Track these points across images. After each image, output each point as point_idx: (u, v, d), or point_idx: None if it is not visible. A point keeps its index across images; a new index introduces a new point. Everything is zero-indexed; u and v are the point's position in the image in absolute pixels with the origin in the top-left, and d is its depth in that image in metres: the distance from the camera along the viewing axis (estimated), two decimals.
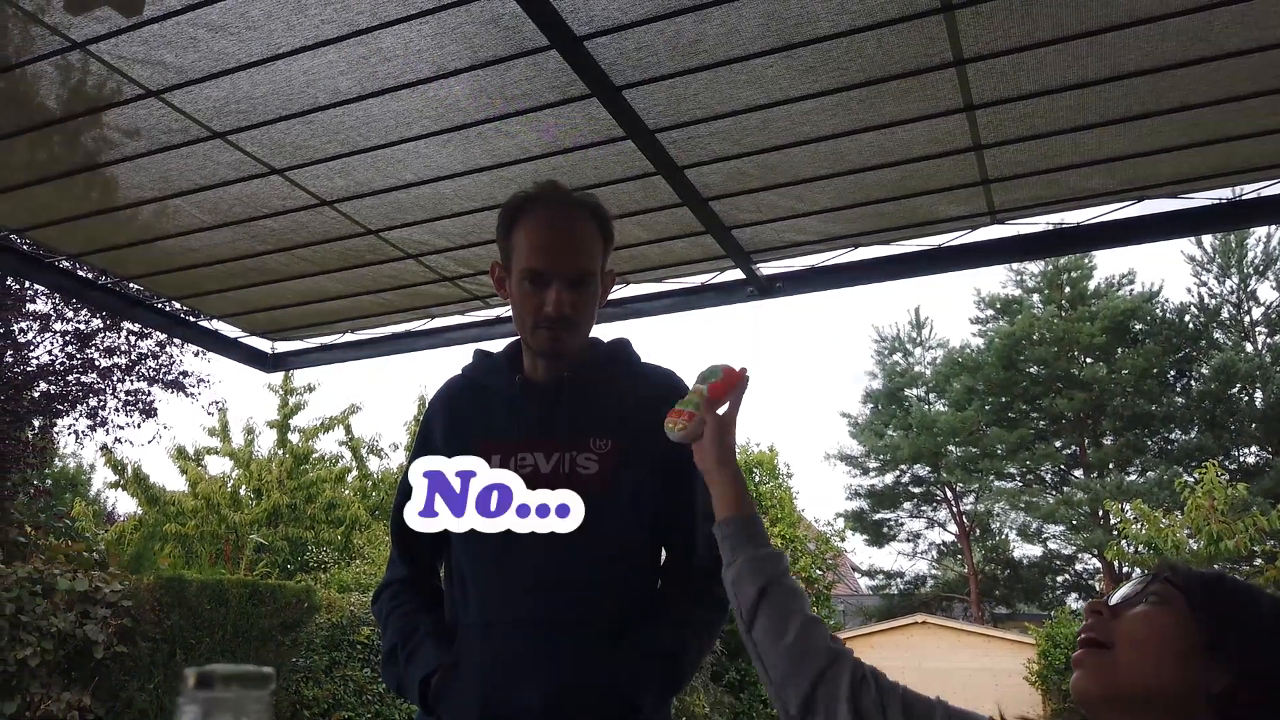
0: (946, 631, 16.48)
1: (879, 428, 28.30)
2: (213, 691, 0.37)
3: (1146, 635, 0.99)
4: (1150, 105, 2.39)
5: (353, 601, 10.23)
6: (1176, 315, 25.79)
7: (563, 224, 1.60)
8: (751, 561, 1.24)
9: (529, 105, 2.35)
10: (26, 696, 6.98)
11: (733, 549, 1.27)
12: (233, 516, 13.17)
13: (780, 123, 2.43)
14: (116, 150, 2.52)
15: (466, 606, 1.55)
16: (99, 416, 10.15)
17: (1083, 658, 1.04)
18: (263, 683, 0.38)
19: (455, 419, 1.66)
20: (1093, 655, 1.03)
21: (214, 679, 0.37)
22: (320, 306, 3.55)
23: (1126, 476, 24.42)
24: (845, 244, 3.09)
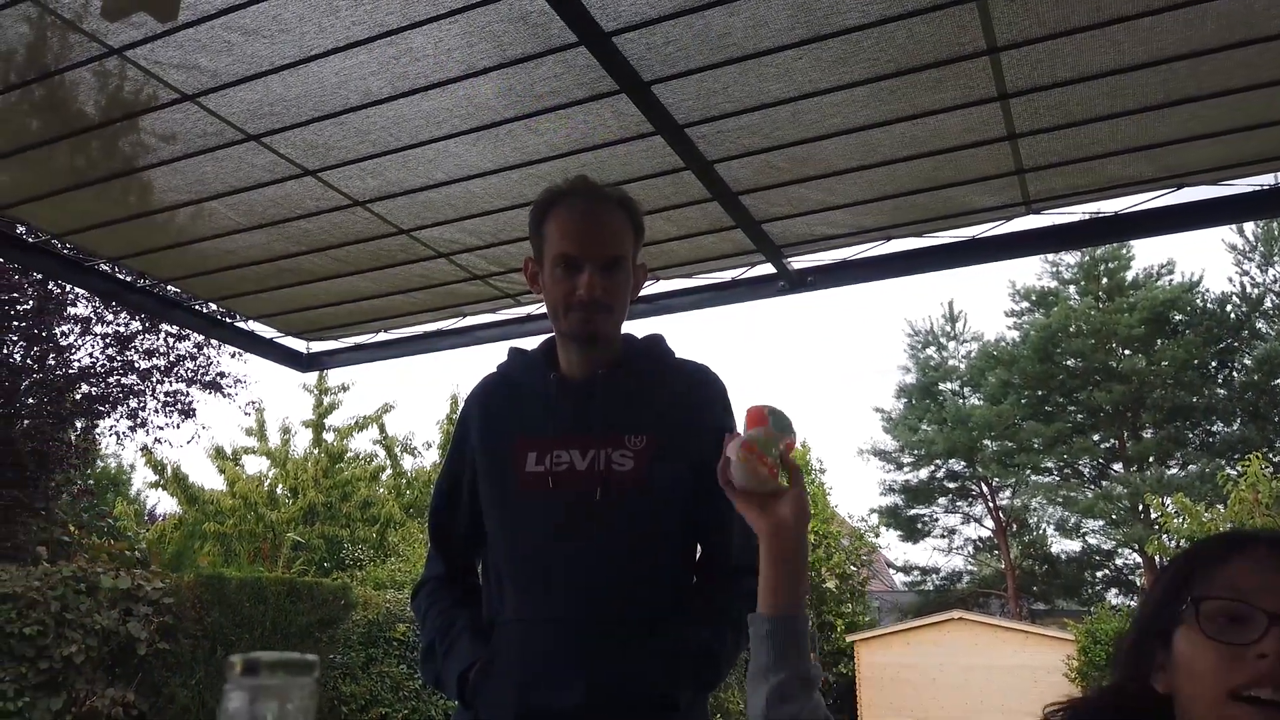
0: (983, 628, 16.28)
1: (913, 422, 28.03)
2: (259, 678, 0.38)
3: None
4: (1190, 90, 2.34)
5: (388, 599, 10.33)
6: (1218, 305, 25.29)
7: (593, 212, 1.62)
8: (802, 681, 1.12)
9: (558, 102, 2.35)
10: (72, 693, 7.12)
11: (782, 654, 1.13)
12: (270, 515, 13.36)
13: (810, 115, 2.42)
14: (153, 154, 2.56)
15: (503, 603, 1.55)
16: (139, 417, 10.35)
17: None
18: (307, 670, 0.38)
19: (491, 417, 1.67)
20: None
21: (260, 666, 0.38)
22: (353, 306, 3.59)
23: (1167, 470, 24.00)
24: (877, 236, 3.07)
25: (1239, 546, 0.94)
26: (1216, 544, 0.98)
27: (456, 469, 1.69)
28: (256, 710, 0.37)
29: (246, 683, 0.38)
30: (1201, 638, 0.88)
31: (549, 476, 1.53)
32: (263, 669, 0.37)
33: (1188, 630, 0.91)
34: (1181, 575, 0.96)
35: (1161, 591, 0.97)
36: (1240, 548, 0.93)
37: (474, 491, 1.65)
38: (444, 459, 1.76)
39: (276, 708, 0.37)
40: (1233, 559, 0.92)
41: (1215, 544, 0.98)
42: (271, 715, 0.37)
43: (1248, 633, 0.85)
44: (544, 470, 1.54)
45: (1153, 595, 1.00)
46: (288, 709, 0.37)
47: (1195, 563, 0.96)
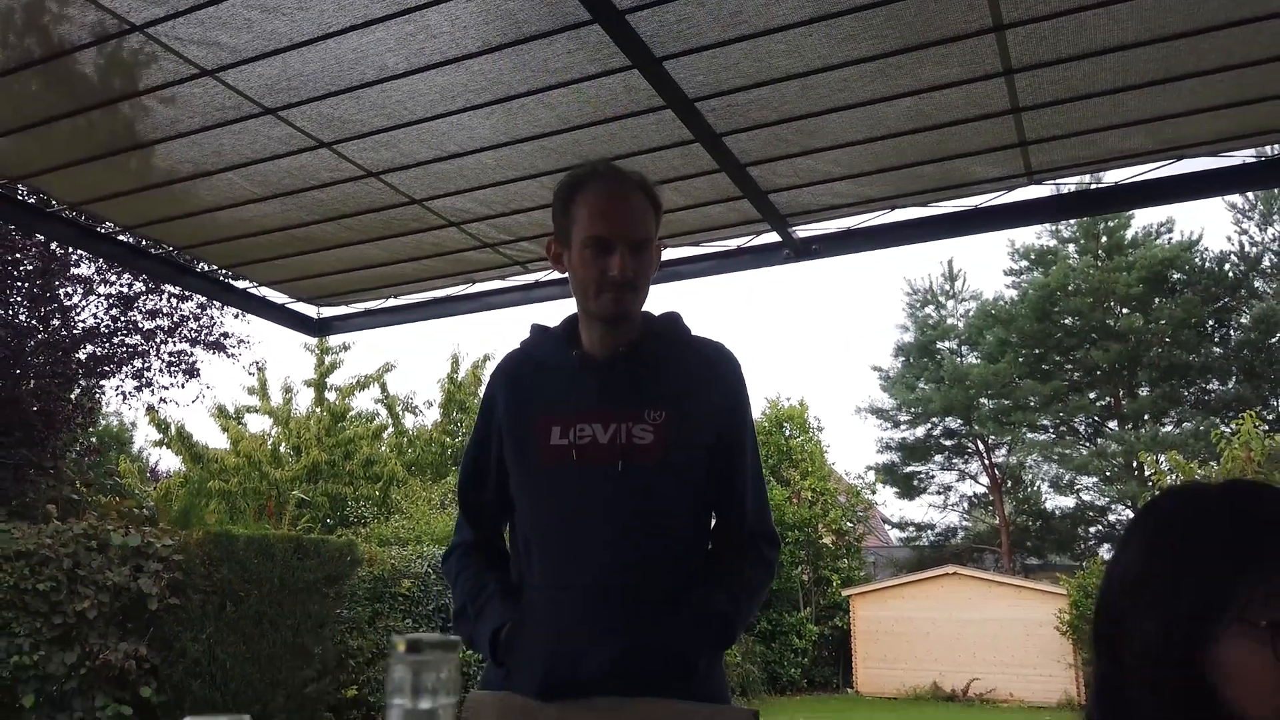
0: (977, 582, 16.57)
1: (910, 381, 28.20)
2: (420, 655, 0.46)
3: None
4: (1191, 66, 2.38)
5: (393, 555, 10.50)
6: (1216, 264, 25.34)
7: (621, 194, 1.69)
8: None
9: (570, 77, 2.39)
10: (85, 646, 7.29)
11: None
12: (274, 473, 13.51)
13: (819, 89, 2.46)
14: (172, 127, 2.60)
15: (532, 570, 1.64)
16: (144, 377, 10.43)
17: None
18: (454, 647, 0.47)
19: (517, 392, 1.74)
20: None
21: (421, 645, 0.46)
22: (365, 273, 3.64)
23: (1162, 428, 24.23)
24: (881, 206, 3.12)
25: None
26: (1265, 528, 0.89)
27: (483, 441, 1.77)
28: (420, 680, 0.45)
29: (410, 659, 0.46)
30: (1269, 656, 0.84)
31: (572, 449, 1.62)
32: (424, 647, 0.46)
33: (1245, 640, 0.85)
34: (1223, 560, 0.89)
35: (1206, 580, 0.89)
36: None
37: (500, 463, 1.73)
38: (471, 431, 1.84)
39: (434, 677, 0.45)
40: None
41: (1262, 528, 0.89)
42: (430, 683, 0.45)
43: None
44: (567, 444, 1.62)
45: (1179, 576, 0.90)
46: (441, 677, 0.46)
47: (1240, 547, 0.89)
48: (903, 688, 15.94)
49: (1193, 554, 0.91)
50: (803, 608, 17.04)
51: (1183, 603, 0.90)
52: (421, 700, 0.45)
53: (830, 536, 18.18)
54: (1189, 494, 0.99)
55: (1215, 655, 0.87)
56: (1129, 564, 0.96)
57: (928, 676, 15.83)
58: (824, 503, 18.11)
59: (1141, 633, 0.91)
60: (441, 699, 0.46)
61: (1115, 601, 0.96)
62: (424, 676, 0.45)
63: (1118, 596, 0.95)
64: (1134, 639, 0.92)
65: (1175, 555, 0.92)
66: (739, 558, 1.66)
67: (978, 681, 15.41)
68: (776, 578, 10.76)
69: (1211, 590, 0.88)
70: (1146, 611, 0.92)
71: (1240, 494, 0.95)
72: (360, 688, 9.46)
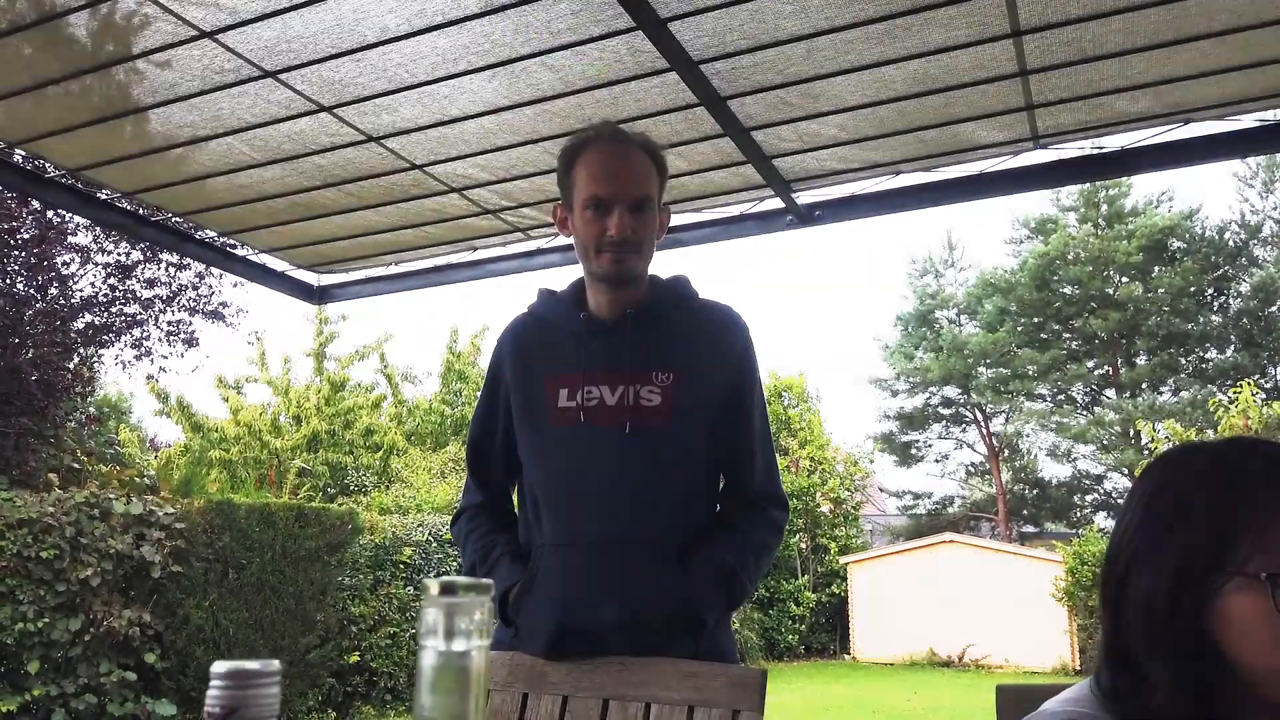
0: (973, 550, 16.68)
1: (909, 350, 28.21)
2: (454, 597, 0.46)
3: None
4: (1201, 28, 2.36)
5: (394, 523, 10.55)
6: (1216, 233, 25.27)
7: (620, 154, 1.68)
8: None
9: (573, 40, 2.36)
10: (89, 613, 7.33)
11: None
12: (274, 443, 13.53)
13: (824, 52, 2.43)
14: (171, 90, 2.57)
15: (540, 529, 1.65)
16: (143, 347, 10.41)
17: None
18: (486, 590, 0.46)
19: (524, 355, 1.74)
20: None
21: (455, 588, 0.46)
22: (365, 240, 3.62)
23: (1159, 396, 24.30)
24: (886, 171, 3.10)
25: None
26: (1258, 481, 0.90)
27: (491, 404, 1.77)
28: (453, 623, 0.45)
29: (443, 601, 0.46)
30: (1270, 606, 0.84)
31: (580, 411, 1.62)
32: (458, 590, 0.45)
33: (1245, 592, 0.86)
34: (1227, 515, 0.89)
35: (1200, 533, 0.89)
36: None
37: (508, 425, 1.73)
38: (479, 395, 1.84)
39: (467, 620, 0.45)
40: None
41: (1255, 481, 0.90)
42: (464, 625, 0.45)
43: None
44: (575, 405, 1.62)
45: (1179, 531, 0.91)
46: (475, 619, 0.45)
47: (1236, 501, 0.89)
48: (899, 654, 16.09)
49: (1192, 509, 0.91)
50: (801, 575, 17.16)
51: (1183, 558, 0.90)
52: (455, 642, 0.45)
53: (828, 505, 18.27)
54: (1189, 452, 0.99)
55: (1217, 609, 0.88)
56: (1131, 523, 0.96)
57: (924, 643, 15.97)
58: (822, 471, 18.19)
59: (1144, 589, 0.92)
60: (475, 641, 0.46)
61: (1119, 560, 0.96)
62: (457, 619, 0.45)
63: (1121, 555, 0.96)
64: (1138, 595, 0.93)
65: (1175, 511, 0.93)
66: (747, 518, 1.67)
67: (973, 648, 15.55)
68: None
69: (1211, 544, 0.89)
70: (1148, 568, 0.92)
71: (1238, 449, 0.96)
72: (362, 654, 9.54)
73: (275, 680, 0.47)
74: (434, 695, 0.45)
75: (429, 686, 0.45)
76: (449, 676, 0.45)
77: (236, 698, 0.44)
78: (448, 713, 0.45)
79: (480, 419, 1.81)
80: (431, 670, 0.45)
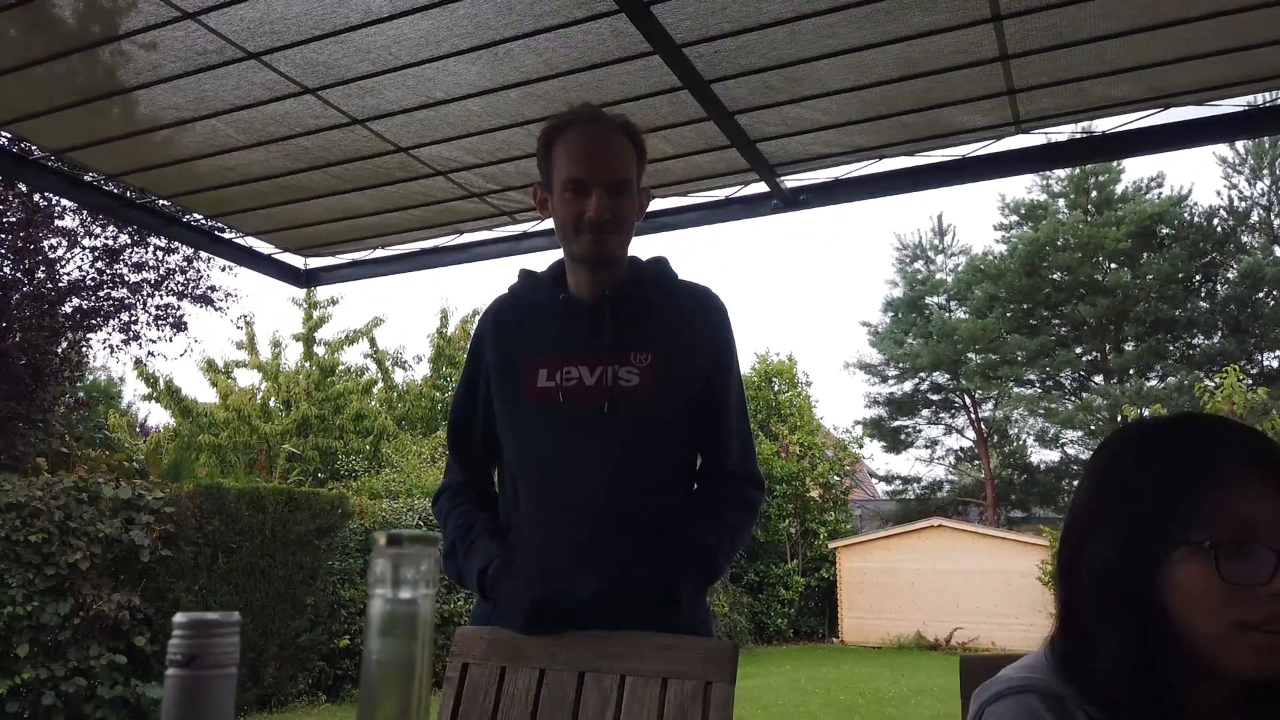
0: (961, 534, 16.79)
1: (899, 336, 28.28)
2: (401, 549, 0.48)
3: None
4: (1179, 13, 2.38)
5: (384, 508, 10.57)
6: (1205, 219, 25.35)
7: (598, 136, 1.69)
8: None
9: (557, 22, 2.37)
10: (78, 597, 7.35)
11: None
12: (263, 427, 13.52)
13: (807, 36, 2.45)
14: (153, 72, 2.57)
15: (519, 506, 1.67)
16: (131, 331, 10.38)
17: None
18: (433, 543, 0.49)
19: (504, 336, 1.76)
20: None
21: (401, 539, 0.48)
22: (351, 223, 3.63)
23: (1147, 382, 24.42)
24: (870, 155, 3.12)
25: (1231, 460, 0.92)
26: (1205, 455, 0.93)
27: (472, 385, 1.80)
28: (400, 573, 0.47)
29: (390, 552, 0.48)
30: (1213, 574, 0.87)
31: (559, 391, 1.64)
32: (404, 541, 0.48)
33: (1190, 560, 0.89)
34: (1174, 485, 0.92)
35: (1150, 505, 0.93)
36: (1234, 461, 0.92)
37: (489, 406, 1.75)
38: (460, 376, 1.86)
39: (413, 570, 0.47)
40: (1228, 478, 0.90)
41: (1204, 454, 0.93)
42: (410, 575, 0.47)
43: (1256, 569, 0.86)
44: (554, 385, 1.64)
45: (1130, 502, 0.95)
46: (421, 570, 0.48)
47: (1184, 473, 0.92)
48: (887, 637, 16.22)
49: (1141, 480, 0.95)
50: (790, 560, 17.25)
51: (1132, 526, 0.93)
52: (402, 591, 0.47)
53: (818, 490, 18.35)
54: (1139, 427, 1.02)
55: (1165, 577, 0.91)
56: (1086, 494, 1.00)
57: (912, 626, 16.10)
58: (812, 457, 18.25)
59: (1096, 556, 0.95)
60: (421, 590, 0.48)
61: (1074, 530, 0.99)
62: (404, 570, 0.47)
63: (1076, 525, 0.99)
64: (1090, 564, 0.96)
65: (1126, 482, 0.96)
66: (723, 497, 1.70)
67: (960, 631, 15.68)
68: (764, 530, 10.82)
69: (1159, 513, 0.92)
70: (1100, 536, 0.96)
71: (1186, 424, 0.99)
72: (352, 637, 9.58)
73: (234, 630, 0.49)
74: (383, 640, 0.47)
75: (378, 632, 0.47)
76: (397, 623, 0.47)
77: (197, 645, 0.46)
78: (396, 657, 0.47)
79: (461, 400, 1.83)
80: (379, 617, 0.47)
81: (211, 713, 0.46)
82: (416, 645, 0.48)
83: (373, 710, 0.47)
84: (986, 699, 0.97)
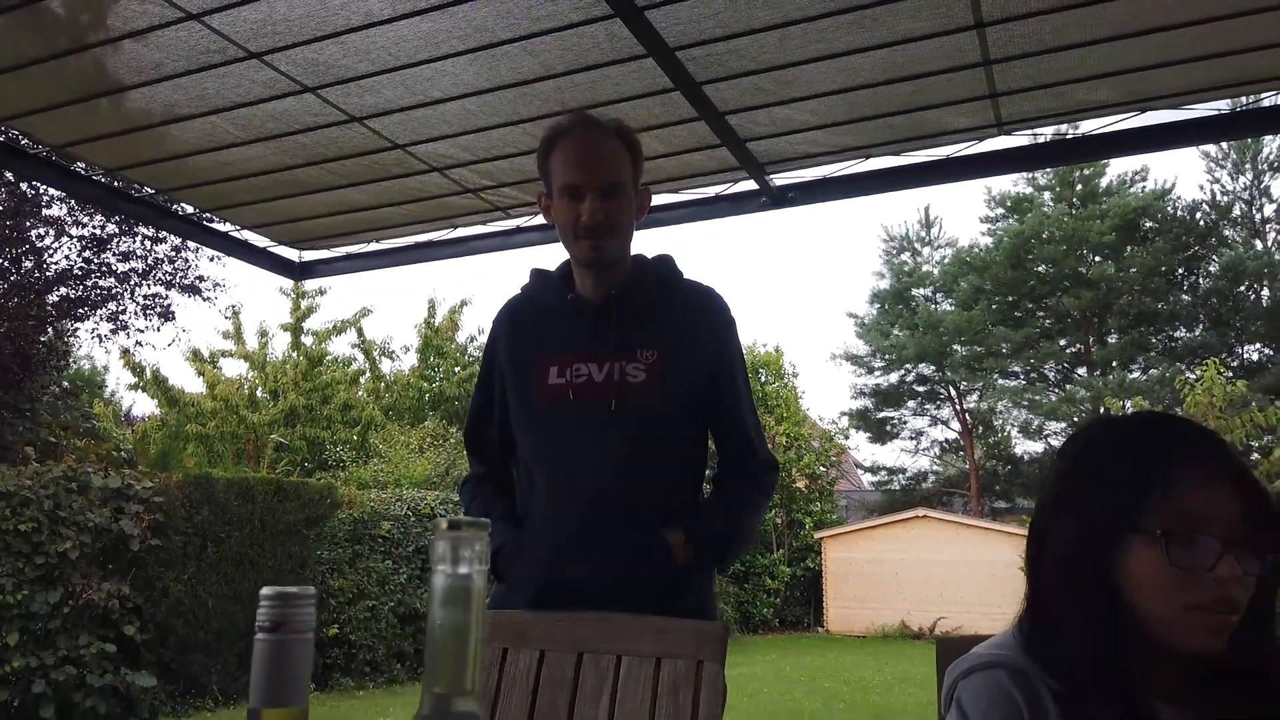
0: (946, 525, 16.98)
1: (885, 327, 28.47)
2: (459, 532, 0.56)
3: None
4: (1157, 21, 2.46)
5: (372, 498, 10.61)
6: (1188, 213, 25.62)
7: (592, 142, 1.76)
8: None
9: (553, 25, 2.43)
10: (68, 586, 7.38)
11: None
12: (251, 417, 13.53)
13: (796, 40, 2.51)
14: (156, 70, 2.62)
15: (534, 499, 1.76)
16: (119, 320, 10.38)
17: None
18: (485, 528, 0.57)
19: (517, 335, 1.85)
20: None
21: (460, 524, 0.56)
22: (347, 217, 3.68)
23: (1129, 374, 24.69)
24: (856, 155, 3.19)
25: (1182, 456, 0.99)
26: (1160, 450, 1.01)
27: (488, 384, 1.88)
28: (459, 552, 0.55)
29: (450, 535, 0.56)
30: (1165, 563, 0.95)
31: (569, 388, 1.72)
32: (462, 526, 0.56)
33: (1144, 548, 0.97)
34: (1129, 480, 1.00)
35: (1108, 495, 1.01)
36: (1185, 457, 0.99)
37: (504, 406, 1.84)
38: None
39: (470, 550, 0.55)
40: (1179, 472, 0.98)
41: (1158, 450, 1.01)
42: (467, 554, 0.55)
43: (1202, 556, 0.94)
44: (564, 382, 1.72)
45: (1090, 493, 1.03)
46: (475, 549, 0.56)
47: (1140, 467, 1.00)
48: (872, 626, 16.39)
49: (1105, 474, 1.03)
50: (776, 550, 17.40)
51: (1094, 514, 1.02)
52: (460, 567, 0.55)
53: (804, 481, 18.49)
54: (1104, 422, 1.13)
55: (1122, 563, 0.99)
56: (1054, 485, 1.09)
57: (896, 616, 16.28)
58: (798, 448, 18.39)
59: (1060, 543, 1.04)
60: (475, 566, 0.56)
61: (1042, 517, 1.08)
62: (461, 550, 0.55)
63: (1044, 513, 1.08)
64: (1055, 549, 1.04)
65: (1089, 474, 1.05)
66: (738, 482, 1.80)
67: (944, 620, 15.87)
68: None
69: (1117, 503, 1.00)
70: (1064, 524, 1.04)
71: (1145, 422, 1.09)
72: (341, 626, 9.64)
73: (311, 602, 0.57)
74: (444, 609, 0.56)
75: (440, 602, 0.55)
76: (455, 595, 0.55)
77: (282, 614, 0.54)
78: (455, 623, 0.56)
79: (477, 402, 1.92)
80: (441, 590, 0.56)
81: (294, 671, 0.54)
82: (471, 613, 0.57)
83: (436, 668, 0.55)
84: (959, 674, 1.05)
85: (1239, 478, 0.98)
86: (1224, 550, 0.94)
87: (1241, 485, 0.98)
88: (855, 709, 8.91)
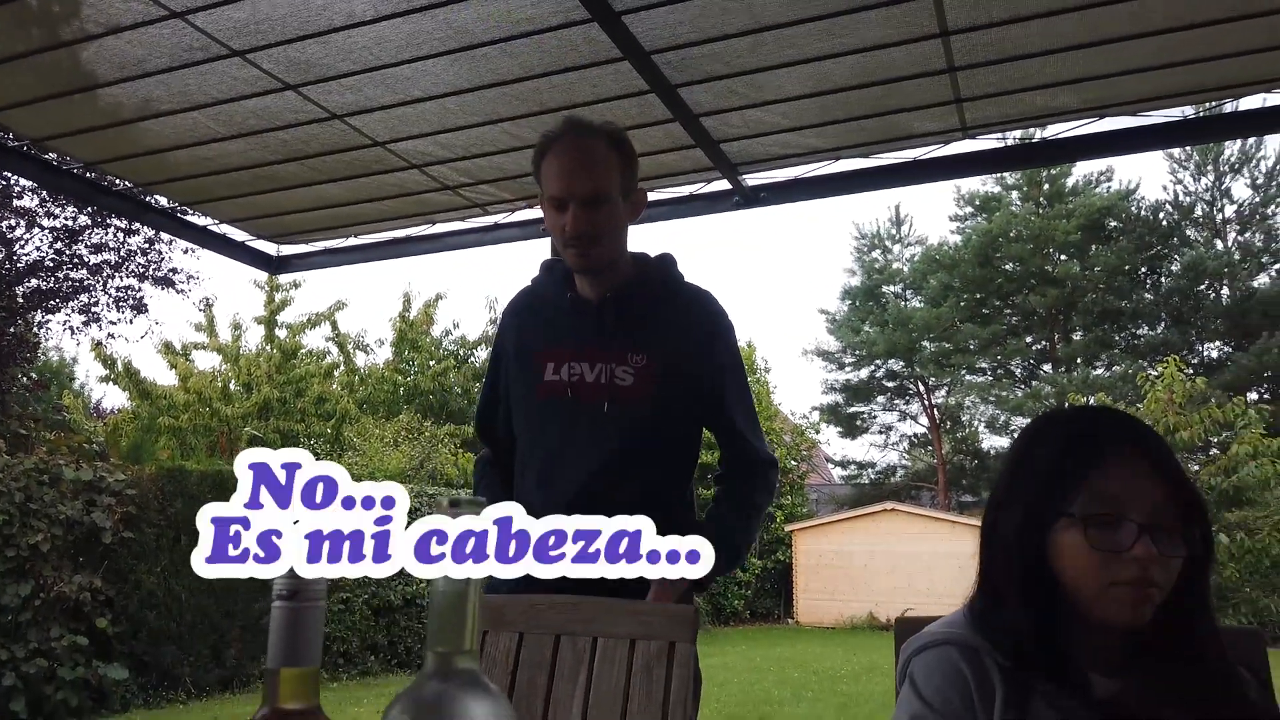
0: (914, 518, 17.20)
1: (856, 324, 28.73)
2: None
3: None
4: (1115, 30, 2.56)
5: None
6: (1151, 213, 26.07)
7: (578, 152, 1.80)
8: None
9: (533, 28, 2.49)
10: (40, 579, 7.34)
11: None
12: (224, 410, 13.45)
13: (769, 45, 2.60)
14: (139, 66, 2.65)
15: (527, 493, 1.84)
16: (92, 312, 10.30)
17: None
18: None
19: (522, 329, 1.92)
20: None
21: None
22: (325, 212, 3.72)
23: (1093, 371, 25.10)
24: (826, 156, 3.28)
25: (1110, 446, 1.08)
26: (1089, 441, 1.09)
27: (496, 376, 1.96)
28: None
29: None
30: (1086, 544, 1.04)
31: (566, 386, 1.78)
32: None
33: (1072, 531, 1.05)
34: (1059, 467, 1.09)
35: (1043, 483, 1.10)
36: (1112, 447, 1.08)
37: (509, 397, 1.91)
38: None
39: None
40: (1105, 460, 1.07)
41: (1088, 440, 1.09)
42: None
43: (1122, 538, 1.03)
44: (561, 380, 1.79)
45: (1029, 481, 1.12)
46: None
47: (1071, 456, 1.09)
48: (841, 618, 16.59)
49: (1039, 461, 1.13)
50: None
51: (1031, 501, 1.11)
52: None
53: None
54: (1047, 415, 1.21)
55: (1054, 544, 1.08)
56: (1002, 474, 1.19)
57: (864, 607, 16.48)
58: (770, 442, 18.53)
59: (1005, 527, 1.13)
60: None
61: (991, 504, 1.17)
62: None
63: (993, 500, 1.17)
64: (1000, 533, 1.14)
65: (1030, 465, 1.14)
66: (747, 484, 1.87)
67: (912, 612, 15.98)
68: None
69: (1050, 489, 1.09)
70: (1008, 510, 1.13)
71: (1080, 413, 1.19)
72: None
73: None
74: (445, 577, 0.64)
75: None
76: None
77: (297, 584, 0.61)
78: (455, 589, 0.64)
79: (485, 398, 2.01)
80: None
81: (309, 634, 0.61)
82: (470, 579, 0.64)
83: (439, 628, 0.63)
84: (913, 651, 1.14)
85: (1162, 465, 1.07)
86: (1140, 532, 1.03)
87: (1164, 472, 1.07)
88: (823, 697, 9.05)
